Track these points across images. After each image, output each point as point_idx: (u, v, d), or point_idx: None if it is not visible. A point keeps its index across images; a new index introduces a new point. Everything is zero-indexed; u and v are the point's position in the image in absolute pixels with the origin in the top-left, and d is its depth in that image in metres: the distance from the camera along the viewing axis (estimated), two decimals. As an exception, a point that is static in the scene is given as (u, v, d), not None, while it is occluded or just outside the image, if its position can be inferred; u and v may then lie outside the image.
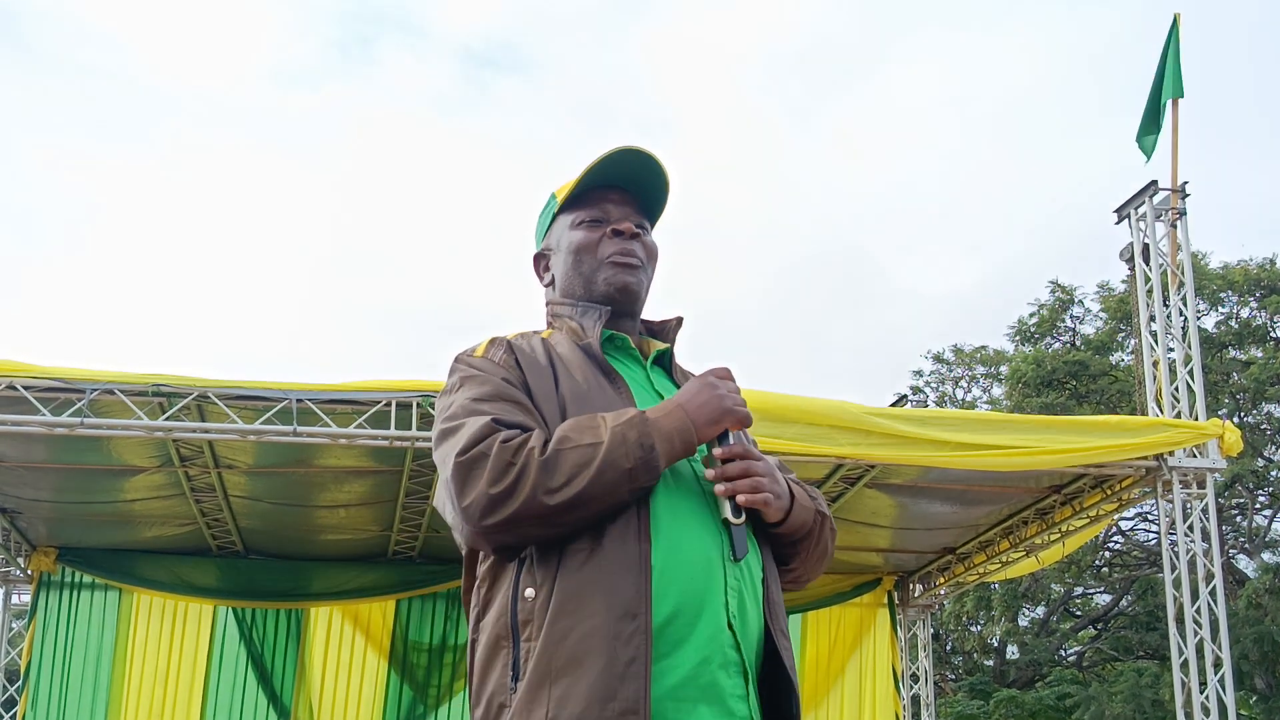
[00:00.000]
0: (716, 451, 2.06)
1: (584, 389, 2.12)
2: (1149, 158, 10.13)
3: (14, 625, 11.17)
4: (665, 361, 2.34)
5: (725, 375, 2.14)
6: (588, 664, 1.86)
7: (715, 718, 1.93)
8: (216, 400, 7.88)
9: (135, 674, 10.79)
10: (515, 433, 1.97)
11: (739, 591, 2.02)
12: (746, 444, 2.13)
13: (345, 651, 11.21)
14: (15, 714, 10.65)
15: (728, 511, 2.03)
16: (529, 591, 1.94)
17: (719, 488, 2.04)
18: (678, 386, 2.27)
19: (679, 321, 2.37)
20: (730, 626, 1.99)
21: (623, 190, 2.33)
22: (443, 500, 2.05)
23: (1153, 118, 10.02)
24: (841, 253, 63.23)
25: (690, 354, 2.44)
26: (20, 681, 10.64)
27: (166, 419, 7.89)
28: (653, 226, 2.39)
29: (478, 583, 2.04)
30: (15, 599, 11.33)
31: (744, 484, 2.03)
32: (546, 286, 2.39)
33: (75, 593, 10.85)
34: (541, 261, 2.41)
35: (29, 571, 10.79)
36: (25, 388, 7.72)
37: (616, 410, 2.06)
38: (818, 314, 61.81)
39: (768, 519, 2.10)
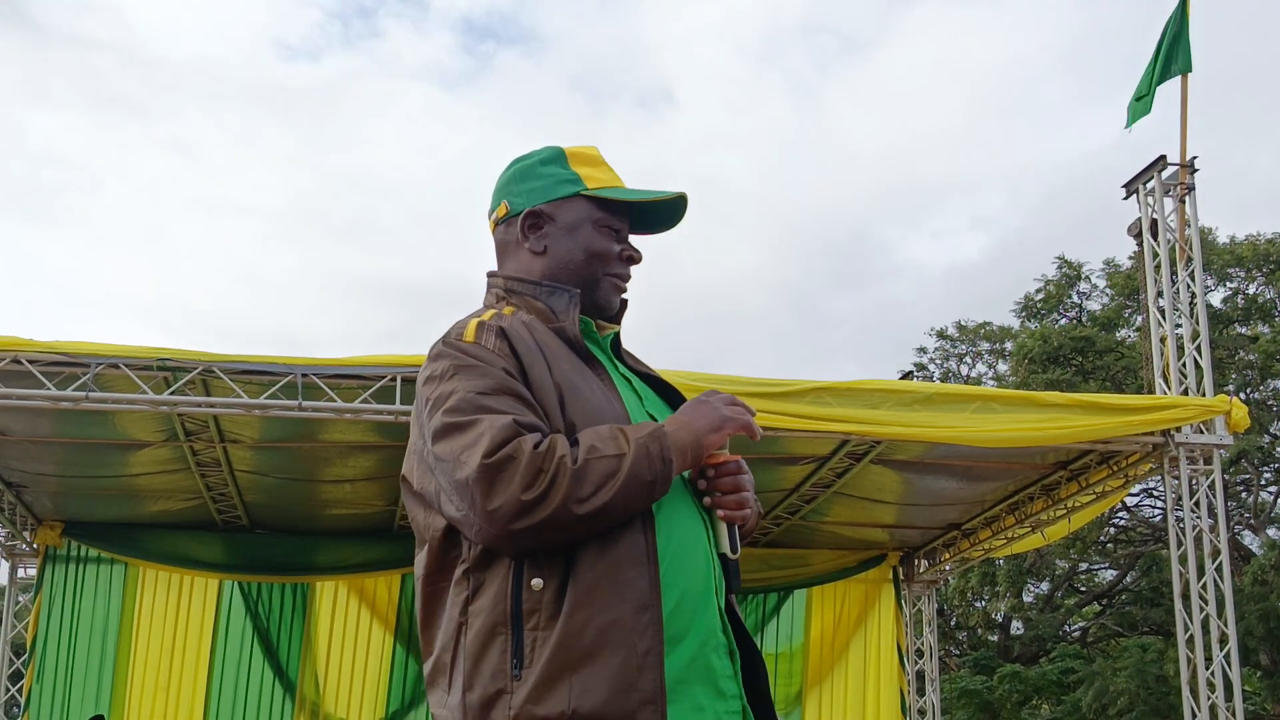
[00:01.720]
0: (711, 471, 2.12)
1: (575, 379, 2.11)
2: (1129, 125, 10.13)
3: (20, 599, 11.20)
4: (614, 344, 2.34)
5: (724, 395, 2.17)
6: (607, 655, 1.91)
7: (708, 698, 2.00)
8: (221, 375, 7.87)
9: (141, 648, 10.82)
10: (539, 437, 1.96)
11: (719, 576, 2.11)
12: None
13: (351, 626, 11.23)
14: (22, 687, 10.69)
15: (725, 546, 2.11)
16: (536, 581, 1.96)
17: (706, 499, 2.11)
18: (630, 369, 2.30)
19: (624, 304, 2.35)
20: (720, 611, 2.07)
21: (630, 214, 2.32)
22: (435, 488, 2.03)
23: (1145, 86, 9.98)
24: (843, 227, 63.15)
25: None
26: (26, 655, 10.68)
27: (171, 393, 7.88)
28: None
29: (465, 566, 2.02)
30: (21, 573, 11.36)
31: (731, 499, 2.11)
32: (530, 252, 2.29)
33: (81, 566, 10.87)
34: (532, 221, 2.30)
35: (35, 545, 10.80)
36: (30, 362, 7.71)
37: (608, 404, 2.11)
38: (819, 289, 61.77)
39: (742, 528, 2.18)
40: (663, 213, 2.34)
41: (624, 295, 2.32)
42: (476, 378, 2.04)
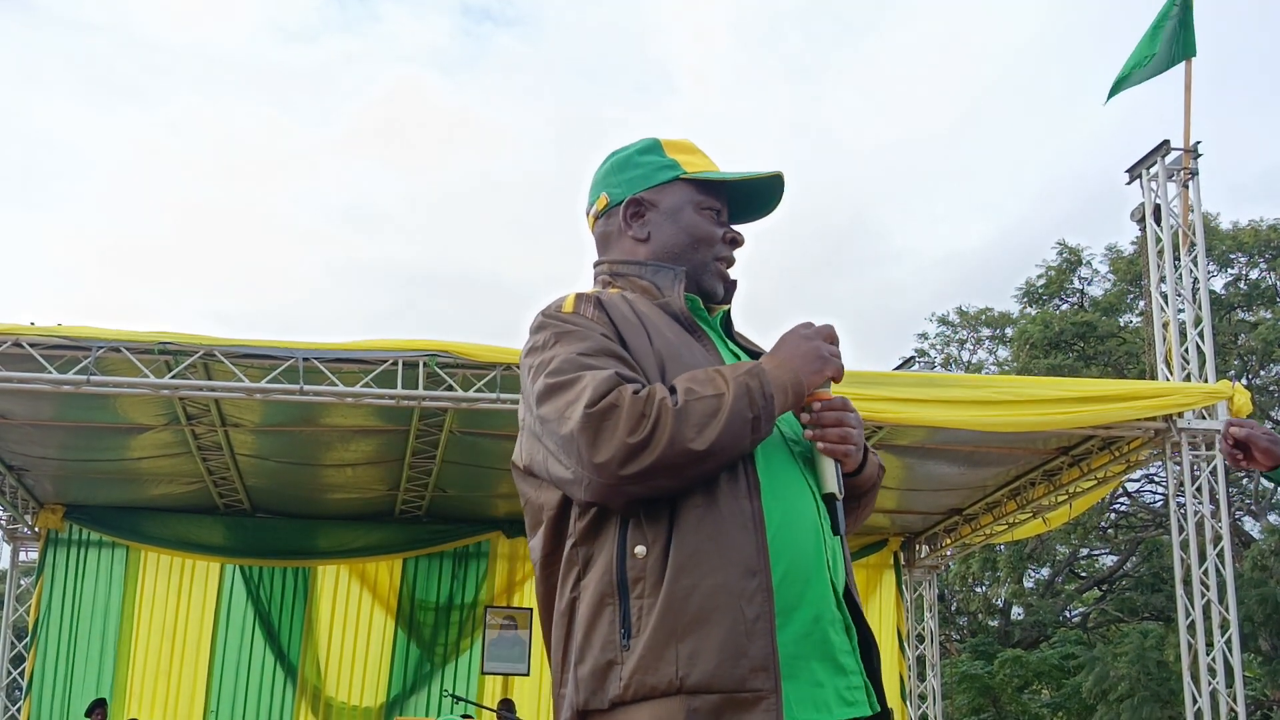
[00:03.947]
0: (817, 404, 2.08)
1: (677, 346, 2.11)
2: (1106, 100, 10.10)
3: (22, 582, 11.21)
4: (725, 324, 2.33)
5: (818, 328, 2.16)
6: (715, 621, 1.87)
7: (827, 673, 1.97)
8: (223, 358, 7.87)
9: (143, 631, 10.84)
10: (640, 385, 1.96)
11: (833, 550, 2.06)
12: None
13: (352, 610, 11.25)
14: (24, 670, 10.71)
15: (833, 485, 2.05)
16: (639, 549, 1.93)
17: (807, 433, 2.06)
18: (741, 348, 2.28)
19: (733, 285, 2.33)
20: (833, 585, 2.02)
21: (733, 194, 2.30)
22: (543, 455, 2.03)
23: (1136, 64, 9.93)
24: (841, 212, 63.10)
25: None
26: (28, 638, 10.69)
27: (172, 377, 7.88)
28: None
29: (573, 541, 2.01)
30: (23, 556, 11.38)
31: (834, 433, 2.05)
32: (634, 240, 2.29)
33: (83, 550, 10.89)
34: (634, 209, 2.29)
35: (36, 529, 10.81)
36: (31, 345, 7.71)
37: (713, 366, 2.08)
38: (817, 274, 61.71)
39: (846, 468, 2.11)
40: (761, 194, 2.32)
41: (731, 279, 2.30)
42: (577, 341, 2.05)
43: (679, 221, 2.26)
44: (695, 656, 1.85)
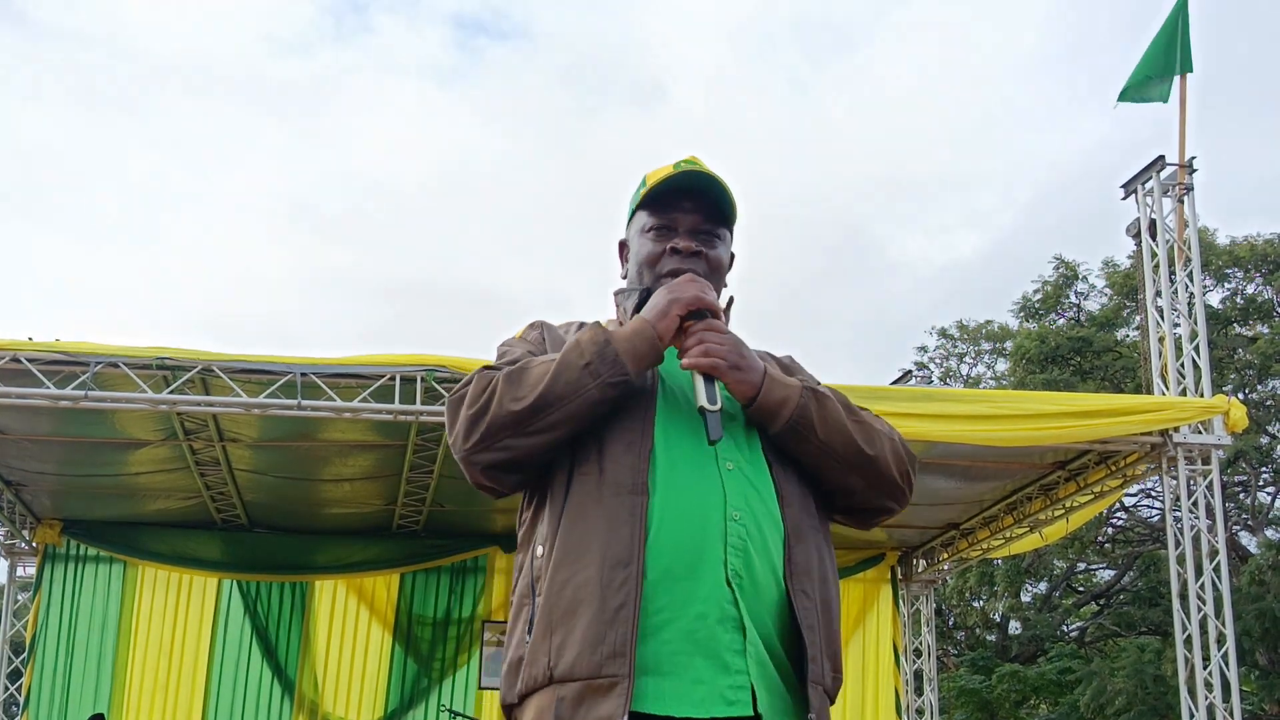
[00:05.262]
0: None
1: None
2: (1116, 103, 10.04)
3: (19, 597, 11.20)
4: None
5: (686, 279, 2.18)
6: (580, 612, 1.95)
7: (711, 671, 1.98)
8: (220, 374, 7.87)
9: (140, 647, 10.82)
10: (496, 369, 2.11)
11: (743, 550, 2.04)
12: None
13: (349, 625, 11.23)
14: (21, 685, 10.70)
15: (702, 399, 2.08)
16: (539, 549, 2.06)
17: (682, 361, 2.11)
18: None
19: (730, 301, 2.35)
20: (729, 583, 2.01)
21: (696, 195, 2.30)
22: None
23: (1147, 75, 9.92)
24: (836, 223, 63.12)
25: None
26: (26, 654, 10.68)
27: (170, 392, 7.88)
28: (731, 225, 2.35)
29: (516, 551, 2.20)
30: (20, 571, 11.37)
31: (694, 350, 2.09)
32: (623, 278, 2.44)
33: (80, 565, 10.87)
34: (622, 251, 2.44)
35: (34, 544, 10.80)
36: (29, 360, 7.71)
37: (642, 390, 2.16)
38: (813, 286, 61.71)
39: (732, 391, 2.13)
40: (706, 194, 2.31)
41: None
42: (500, 359, 2.22)
43: (635, 252, 2.36)
44: (563, 647, 1.95)
